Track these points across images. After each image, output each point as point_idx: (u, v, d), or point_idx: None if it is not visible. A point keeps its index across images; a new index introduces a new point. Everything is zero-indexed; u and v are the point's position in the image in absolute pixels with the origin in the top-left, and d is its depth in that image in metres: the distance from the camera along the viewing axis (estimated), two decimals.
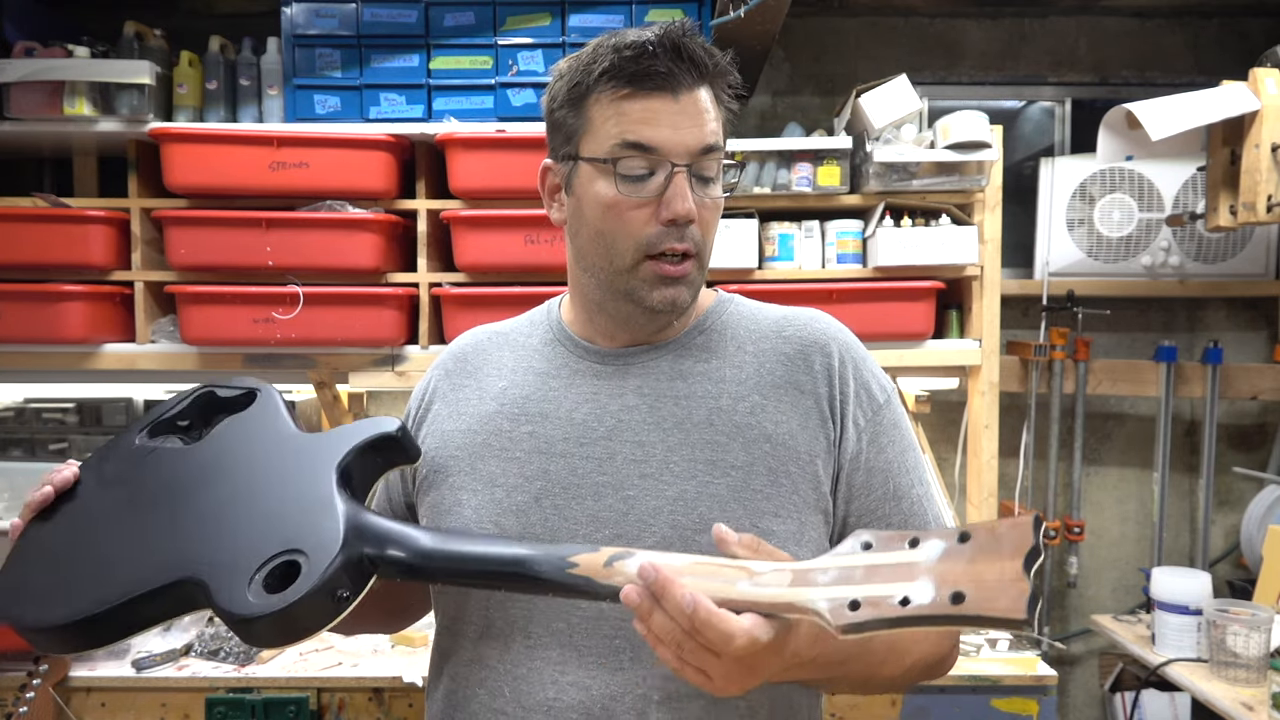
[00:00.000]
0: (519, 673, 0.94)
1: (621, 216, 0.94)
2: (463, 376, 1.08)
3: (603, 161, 0.93)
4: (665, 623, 0.74)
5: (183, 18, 2.65)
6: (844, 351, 1.02)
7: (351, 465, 0.90)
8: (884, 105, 2.21)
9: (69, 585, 0.89)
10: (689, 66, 0.92)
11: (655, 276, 0.95)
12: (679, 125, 0.92)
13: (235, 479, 0.93)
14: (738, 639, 0.71)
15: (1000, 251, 2.28)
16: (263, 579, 0.80)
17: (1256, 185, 2.14)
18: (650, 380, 1.00)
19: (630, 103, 0.92)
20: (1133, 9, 2.78)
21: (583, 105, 0.95)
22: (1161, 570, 2.31)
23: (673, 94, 0.92)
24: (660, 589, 0.73)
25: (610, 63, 0.92)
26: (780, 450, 0.95)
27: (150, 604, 0.86)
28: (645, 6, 2.22)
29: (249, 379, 1.05)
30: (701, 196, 0.95)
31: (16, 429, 2.49)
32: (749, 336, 1.03)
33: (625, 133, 0.92)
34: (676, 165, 0.92)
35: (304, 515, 0.85)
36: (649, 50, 0.91)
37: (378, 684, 1.94)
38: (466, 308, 2.15)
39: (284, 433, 0.97)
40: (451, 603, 1.00)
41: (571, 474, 0.96)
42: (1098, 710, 2.86)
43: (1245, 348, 2.84)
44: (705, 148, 0.93)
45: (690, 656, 0.74)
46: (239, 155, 2.11)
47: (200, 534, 0.88)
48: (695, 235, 0.95)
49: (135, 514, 0.94)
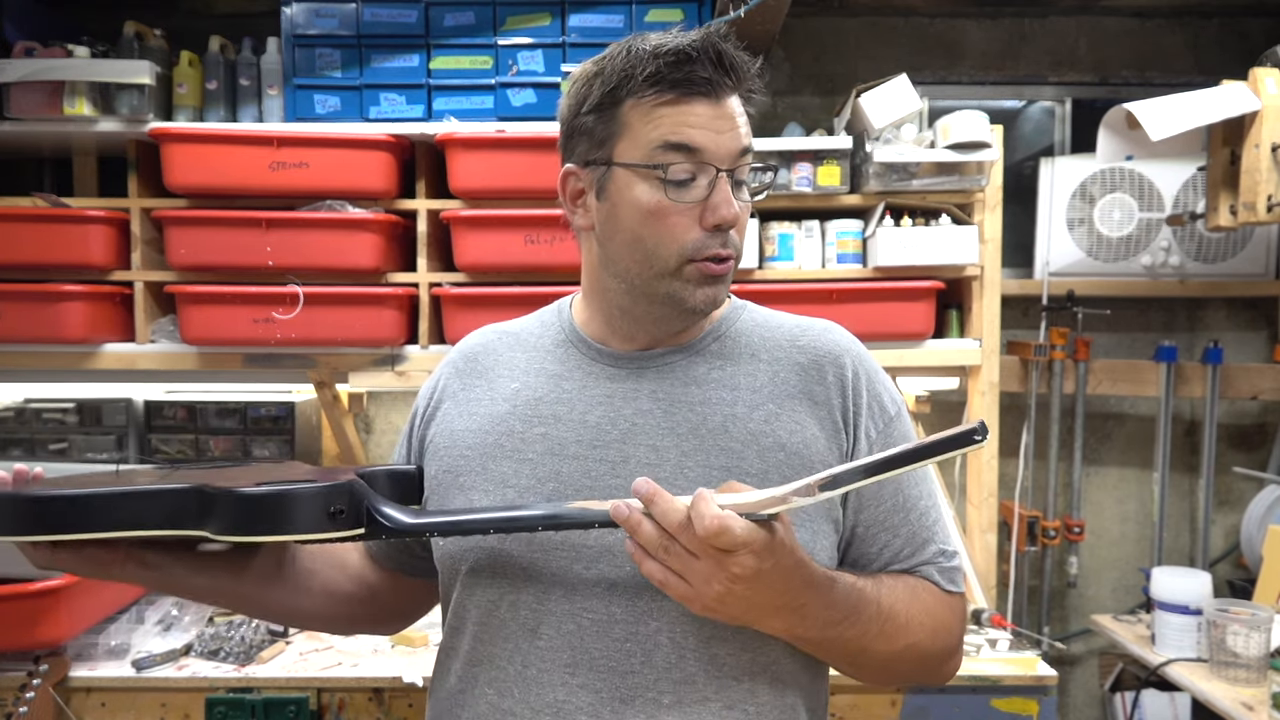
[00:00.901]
0: (528, 674, 0.94)
1: (664, 221, 0.94)
2: (473, 376, 1.08)
3: (647, 167, 0.93)
4: (651, 530, 0.80)
5: (183, 18, 2.65)
6: (857, 364, 1.02)
7: (366, 475, 0.94)
8: (884, 105, 2.21)
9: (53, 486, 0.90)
10: (729, 73, 0.93)
11: (700, 276, 0.95)
12: (721, 130, 0.93)
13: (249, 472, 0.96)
14: (709, 521, 0.77)
15: (1000, 251, 2.28)
16: (269, 485, 0.84)
17: (1256, 185, 2.14)
18: (665, 385, 1.00)
19: (673, 107, 0.93)
20: (1133, 9, 2.78)
21: (617, 110, 0.95)
22: (1161, 570, 2.31)
23: (716, 99, 0.93)
24: (650, 497, 0.80)
25: (654, 68, 0.92)
26: (794, 460, 0.96)
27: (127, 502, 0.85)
28: (645, 6, 2.22)
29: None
30: (739, 201, 0.96)
31: (16, 429, 2.49)
32: (763, 345, 1.03)
33: (669, 134, 0.92)
34: (721, 169, 0.93)
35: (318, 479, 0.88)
36: (692, 56, 0.91)
37: (378, 684, 1.93)
38: (466, 308, 2.15)
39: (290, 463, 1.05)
40: (460, 602, 1.00)
41: (585, 476, 0.96)
42: (1098, 710, 2.86)
43: (1245, 348, 2.84)
44: (743, 150, 0.95)
45: (674, 562, 0.80)
46: (239, 155, 2.11)
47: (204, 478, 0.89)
48: (735, 240, 0.96)
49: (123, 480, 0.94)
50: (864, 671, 0.99)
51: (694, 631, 0.92)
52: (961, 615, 1.04)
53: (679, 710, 0.92)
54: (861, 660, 0.96)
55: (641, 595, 0.92)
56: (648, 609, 0.92)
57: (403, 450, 1.13)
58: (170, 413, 2.51)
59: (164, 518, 0.85)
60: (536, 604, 0.95)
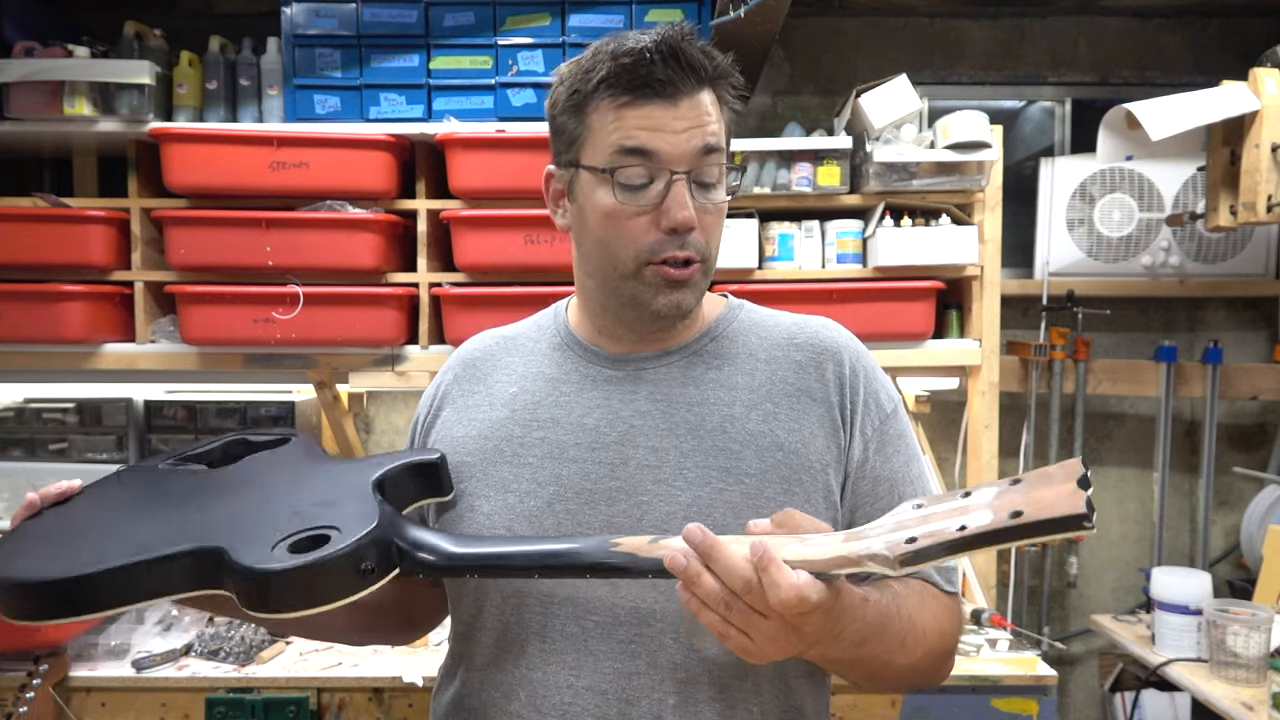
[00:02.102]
0: (534, 677, 0.94)
1: (621, 225, 0.94)
2: (472, 382, 1.08)
3: (602, 170, 0.93)
4: (712, 585, 0.74)
5: (183, 18, 2.65)
6: (855, 360, 1.02)
7: (388, 479, 0.90)
8: (884, 105, 2.21)
9: (68, 550, 0.84)
10: (687, 72, 0.91)
11: (660, 280, 0.94)
12: (678, 130, 0.91)
13: (266, 485, 0.91)
14: (785, 592, 0.71)
15: (1000, 251, 2.28)
16: (290, 544, 0.77)
17: (1256, 185, 2.14)
18: (662, 386, 1.00)
19: (630, 110, 0.92)
20: (1133, 9, 2.78)
21: (583, 112, 0.95)
22: (1161, 570, 2.31)
23: (671, 100, 0.91)
24: (708, 550, 0.74)
25: (608, 70, 0.91)
26: (793, 459, 0.96)
27: (150, 572, 0.79)
28: (645, 6, 2.22)
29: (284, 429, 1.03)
30: (703, 202, 0.94)
31: (16, 429, 2.49)
32: (760, 344, 1.03)
33: (624, 139, 0.92)
34: (676, 173, 0.92)
35: (338, 504, 0.84)
36: (647, 57, 0.90)
37: (378, 684, 1.93)
38: (466, 308, 2.15)
39: (319, 458, 0.97)
40: (468, 607, 1.00)
41: (584, 479, 0.96)
42: (1098, 710, 2.86)
43: (1245, 348, 2.84)
44: (705, 148, 0.93)
45: (737, 618, 0.75)
46: (239, 155, 2.11)
47: (223, 516, 0.84)
48: (697, 242, 0.94)
49: (151, 507, 0.90)
50: (881, 684, 0.97)
51: (698, 633, 0.92)
52: (959, 616, 1.04)
53: (683, 711, 0.92)
54: (883, 674, 0.93)
55: (645, 596, 0.93)
56: (651, 610, 0.93)
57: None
58: (170, 413, 2.51)
59: (191, 583, 0.81)
60: (540, 606, 0.95)
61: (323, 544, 0.77)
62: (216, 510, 0.86)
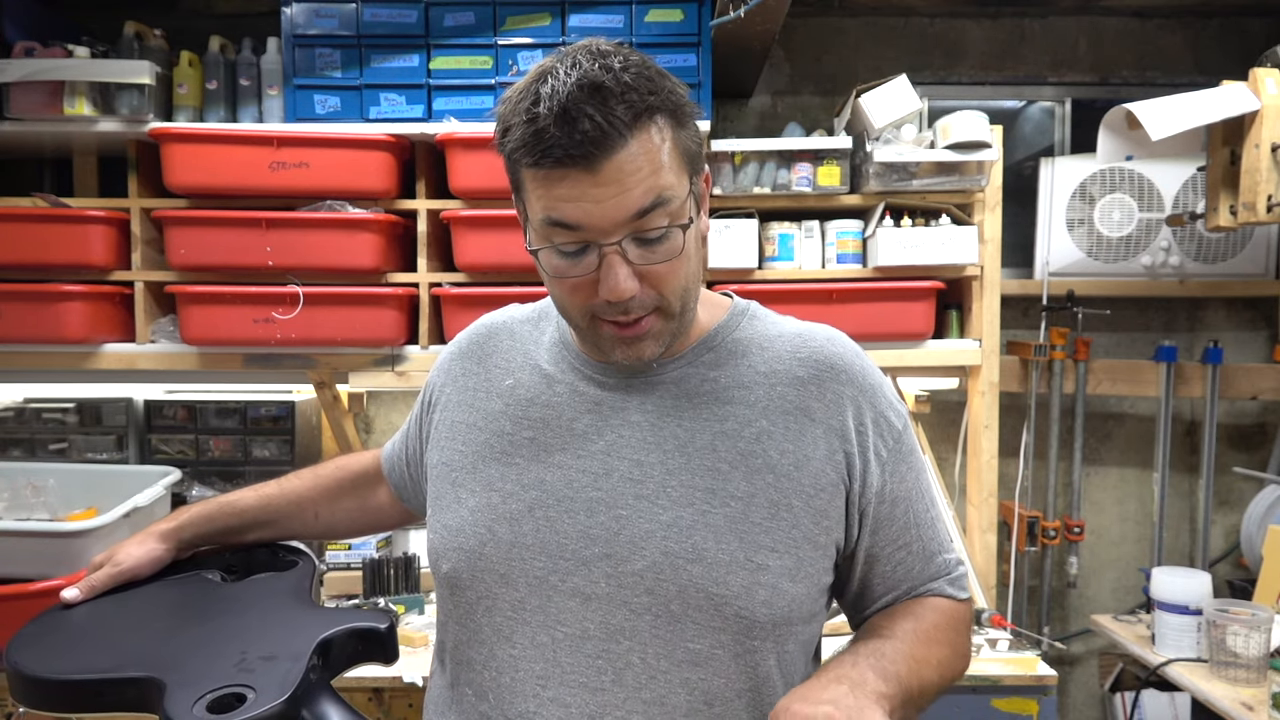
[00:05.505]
0: (503, 680, 0.93)
1: (565, 285, 0.89)
2: (473, 361, 1.07)
3: (539, 233, 0.88)
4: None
5: (183, 18, 2.65)
6: (861, 379, 0.98)
7: (334, 641, 0.97)
8: (884, 105, 2.21)
9: (72, 650, 1.00)
10: (597, 134, 0.80)
11: (613, 336, 0.91)
12: (601, 199, 0.82)
13: (240, 618, 1.04)
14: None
15: (1000, 251, 2.28)
16: (210, 700, 0.87)
17: (1256, 185, 2.14)
18: (654, 397, 0.97)
19: (550, 178, 0.83)
20: (1133, 9, 2.78)
21: (515, 166, 0.87)
22: (1161, 570, 2.31)
23: (589, 166, 0.81)
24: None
25: (520, 136, 0.83)
26: (783, 482, 0.92)
27: (113, 689, 0.95)
28: (645, 6, 2.22)
29: (300, 546, 1.23)
30: (648, 259, 0.86)
31: (16, 429, 2.50)
32: (761, 356, 0.98)
33: (549, 210, 0.85)
34: (605, 246, 0.85)
35: (272, 662, 0.92)
36: (548, 130, 0.80)
37: (378, 684, 1.93)
38: (466, 308, 2.15)
39: (297, 598, 1.10)
40: (443, 600, 1.01)
41: (567, 486, 0.94)
42: (1098, 710, 2.86)
43: (1245, 348, 2.84)
44: (638, 212, 0.84)
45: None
46: (239, 155, 2.11)
47: (186, 647, 0.98)
48: (645, 301, 0.88)
49: (152, 614, 1.08)
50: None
51: (666, 654, 0.90)
52: (969, 621, 1.04)
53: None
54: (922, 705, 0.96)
55: (615, 613, 0.90)
56: (620, 627, 0.90)
57: (412, 429, 1.14)
58: (170, 413, 2.52)
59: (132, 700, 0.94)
60: (512, 611, 0.94)
61: (239, 702, 0.87)
62: (191, 635, 1.01)
